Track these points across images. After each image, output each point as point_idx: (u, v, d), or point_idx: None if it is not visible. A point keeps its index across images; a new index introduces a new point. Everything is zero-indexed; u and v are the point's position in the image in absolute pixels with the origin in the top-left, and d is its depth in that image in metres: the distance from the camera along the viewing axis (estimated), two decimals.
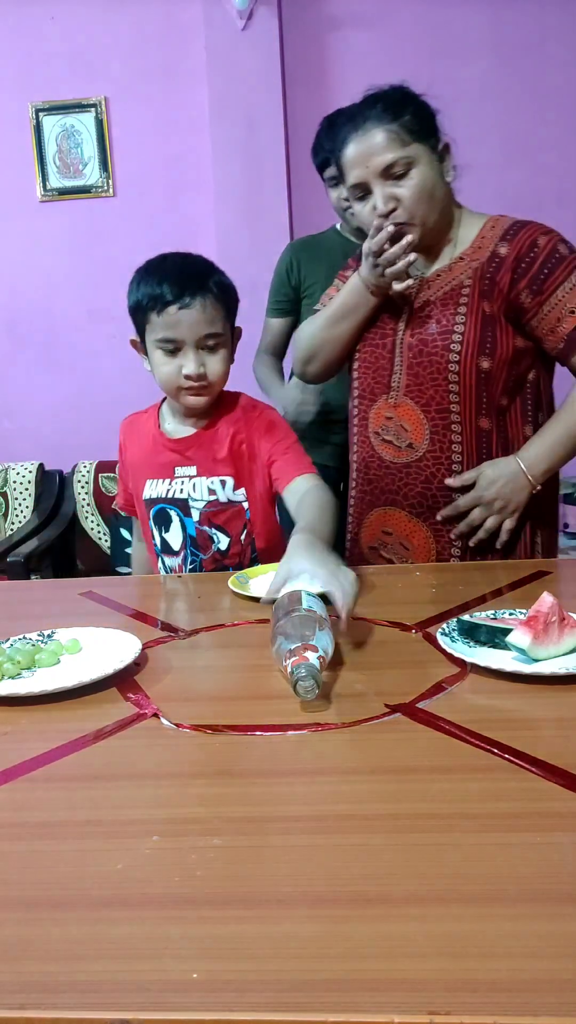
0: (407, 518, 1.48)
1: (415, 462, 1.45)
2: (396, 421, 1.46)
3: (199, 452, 1.45)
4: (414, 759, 0.76)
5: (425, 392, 1.42)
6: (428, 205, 1.36)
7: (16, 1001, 0.49)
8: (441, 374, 1.40)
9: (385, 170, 1.34)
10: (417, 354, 1.43)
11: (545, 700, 0.87)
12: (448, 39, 3.08)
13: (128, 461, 1.55)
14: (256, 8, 3.00)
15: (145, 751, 0.82)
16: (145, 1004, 0.49)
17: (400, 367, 1.45)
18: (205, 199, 3.18)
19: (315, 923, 0.55)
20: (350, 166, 1.38)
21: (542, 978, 0.49)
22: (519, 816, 0.66)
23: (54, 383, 3.43)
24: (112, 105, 3.24)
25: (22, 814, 0.71)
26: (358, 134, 1.36)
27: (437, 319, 1.41)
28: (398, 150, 1.33)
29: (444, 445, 1.42)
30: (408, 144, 1.34)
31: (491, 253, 1.39)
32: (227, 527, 1.45)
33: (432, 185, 1.36)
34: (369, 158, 1.34)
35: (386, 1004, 0.47)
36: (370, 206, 1.37)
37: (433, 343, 1.41)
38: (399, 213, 1.36)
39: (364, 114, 1.36)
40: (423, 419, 1.42)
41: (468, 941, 0.52)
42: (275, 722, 0.84)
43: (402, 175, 1.34)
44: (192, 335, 1.35)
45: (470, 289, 1.39)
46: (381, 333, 1.49)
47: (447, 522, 1.43)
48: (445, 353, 1.40)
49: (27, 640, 1.09)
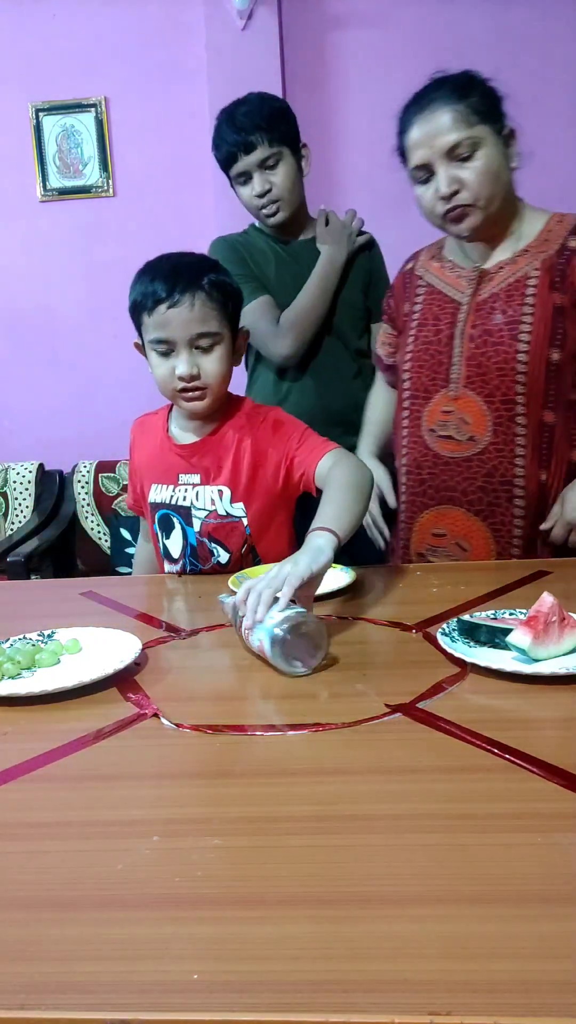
0: (465, 516, 1.44)
1: (476, 455, 1.42)
2: (456, 414, 1.43)
3: (204, 460, 1.42)
4: (414, 759, 0.76)
5: (489, 383, 1.39)
6: (492, 188, 1.34)
7: (16, 1001, 0.49)
8: (508, 364, 1.38)
9: (450, 150, 1.32)
10: (480, 344, 1.40)
11: (545, 700, 0.87)
12: (449, 39, 3.07)
13: (137, 462, 1.53)
14: (256, 8, 3.00)
15: (145, 751, 0.82)
16: (145, 1004, 0.49)
17: (459, 359, 1.42)
18: (205, 199, 3.18)
19: (315, 923, 0.55)
20: (414, 147, 1.35)
21: (542, 978, 0.49)
22: (519, 816, 0.66)
23: (54, 383, 3.43)
24: (112, 105, 3.24)
25: (22, 814, 0.71)
26: (423, 114, 1.34)
27: (502, 310, 1.39)
28: (464, 130, 1.31)
29: (508, 437, 1.39)
30: (474, 125, 1.32)
31: (560, 246, 1.38)
32: (227, 543, 1.41)
33: (497, 168, 1.34)
34: (434, 138, 1.32)
35: (386, 1005, 0.47)
36: (432, 189, 1.35)
37: (499, 333, 1.38)
38: (463, 195, 1.34)
39: (430, 95, 1.35)
40: (486, 410, 1.40)
41: (468, 941, 0.52)
42: (275, 722, 0.84)
43: (467, 157, 1.32)
44: (184, 334, 1.31)
45: (537, 281, 1.37)
46: (435, 329, 1.46)
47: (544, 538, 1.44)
48: (513, 343, 1.37)
49: (27, 640, 1.09)
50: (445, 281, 1.48)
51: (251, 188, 1.81)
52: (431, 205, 1.37)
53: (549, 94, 3.14)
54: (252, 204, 1.84)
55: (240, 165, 1.80)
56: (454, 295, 1.45)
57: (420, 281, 1.53)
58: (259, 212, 1.85)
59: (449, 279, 1.48)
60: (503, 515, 1.42)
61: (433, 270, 1.52)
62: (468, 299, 1.43)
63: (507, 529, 1.42)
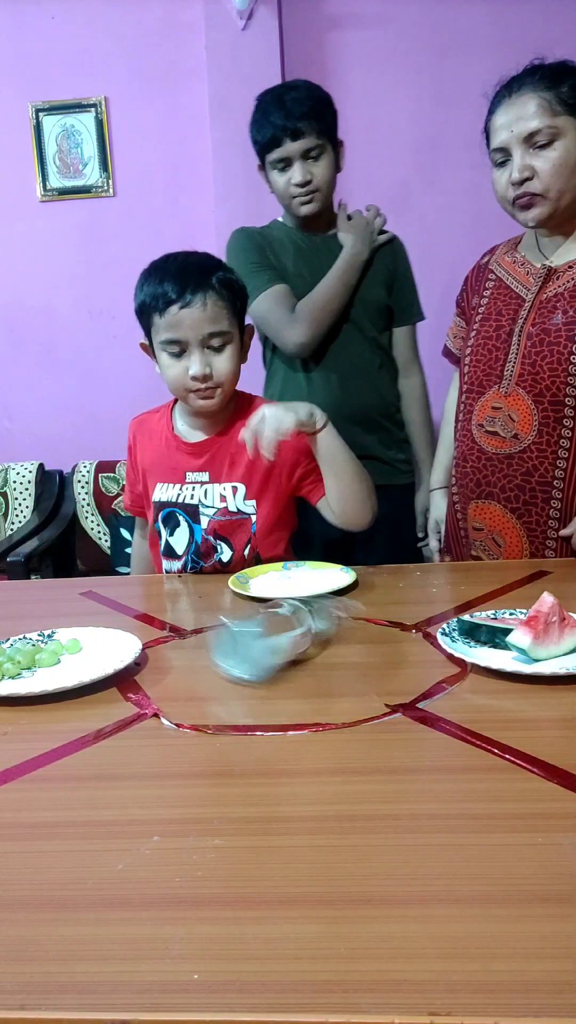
0: (501, 512, 1.45)
1: (518, 453, 1.41)
2: (505, 411, 1.42)
3: (213, 458, 1.42)
4: (414, 759, 0.76)
5: (541, 382, 1.39)
6: (565, 181, 1.33)
7: (16, 1001, 0.49)
8: (561, 365, 1.37)
9: (528, 137, 1.31)
10: (537, 343, 1.39)
11: (545, 700, 0.87)
12: (449, 39, 3.07)
13: (139, 462, 1.52)
14: (256, 8, 3.00)
15: (145, 751, 0.82)
16: (145, 1005, 0.49)
17: (515, 356, 1.42)
18: (205, 199, 3.18)
19: (315, 923, 0.55)
20: (496, 130, 1.36)
21: (542, 978, 0.48)
22: (519, 816, 0.66)
23: (54, 383, 3.43)
24: (112, 105, 3.24)
25: (22, 814, 0.71)
26: (511, 98, 1.34)
27: (564, 310, 1.38)
28: (546, 118, 1.30)
29: (552, 438, 1.38)
30: (558, 115, 1.31)
31: None
32: (231, 539, 1.42)
33: (574, 162, 1.32)
34: (516, 122, 1.32)
35: (386, 1005, 0.47)
36: (507, 173, 1.35)
37: (556, 333, 1.38)
38: (533, 184, 1.33)
39: (521, 80, 1.34)
40: (534, 409, 1.39)
41: (468, 941, 0.52)
42: (275, 722, 0.84)
43: (545, 145, 1.31)
44: (196, 334, 1.32)
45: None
46: (496, 324, 1.46)
47: None
48: (569, 344, 1.36)
49: (27, 640, 1.09)
50: (514, 276, 1.47)
51: (289, 176, 1.77)
52: (503, 190, 1.37)
53: None
54: (286, 192, 1.80)
55: (282, 151, 1.75)
56: (520, 291, 1.45)
57: (491, 275, 1.52)
58: (292, 200, 1.81)
59: (518, 275, 1.47)
60: (539, 515, 1.41)
61: (505, 265, 1.51)
62: (532, 296, 1.42)
63: (541, 529, 1.42)
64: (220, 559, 1.43)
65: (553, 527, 1.41)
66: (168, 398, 1.53)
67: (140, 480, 1.53)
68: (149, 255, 1.43)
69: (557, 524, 1.41)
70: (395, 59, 3.05)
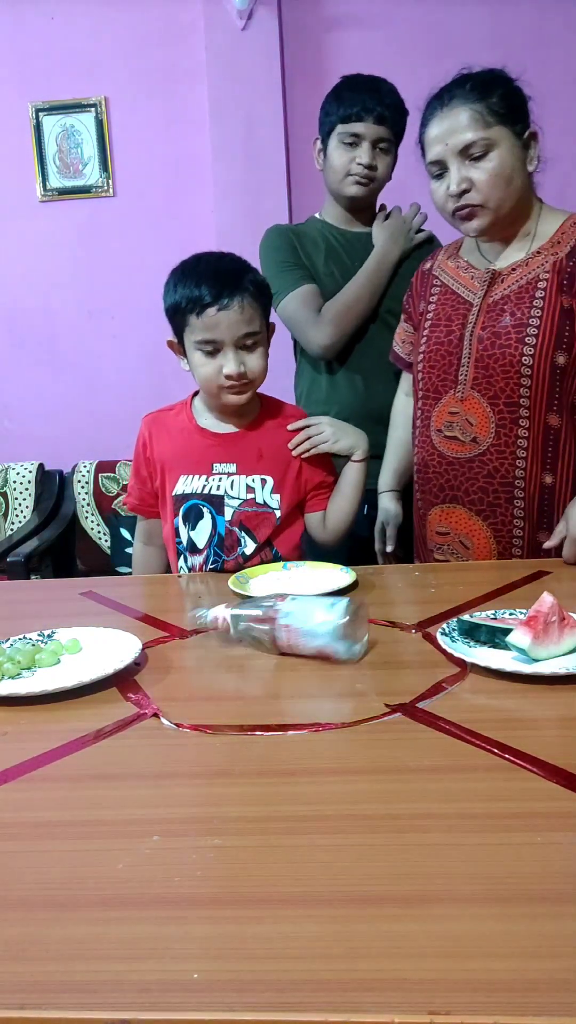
0: (467, 515, 1.46)
1: (478, 456, 1.43)
2: (462, 416, 1.44)
3: (242, 450, 1.46)
4: (414, 759, 0.76)
5: (495, 385, 1.40)
6: (503, 191, 1.35)
7: (16, 1001, 0.49)
8: (513, 367, 1.38)
9: (464, 149, 1.33)
10: (488, 346, 1.40)
11: (545, 700, 0.87)
12: (448, 39, 3.07)
13: (155, 458, 1.52)
14: (256, 8, 3.00)
15: (145, 751, 0.82)
16: (145, 1004, 0.49)
17: (468, 360, 1.43)
18: (205, 199, 3.18)
19: (315, 923, 0.55)
20: (431, 143, 1.37)
21: (542, 978, 0.49)
22: (519, 816, 0.66)
23: (54, 383, 3.43)
24: (112, 105, 3.24)
25: (22, 814, 0.71)
26: (443, 111, 1.35)
27: (511, 312, 1.39)
28: (480, 130, 1.32)
29: (510, 439, 1.40)
30: (491, 126, 1.32)
31: (572, 248, 1.38)
32: (256, 532, 1.45)
33: (510, 171, 1.35)
34: (449, 136, 1.33)
35: (386, 1004, 0.47)
36: (445, 185, 1.37)
37: (506, 335, 1.39)
38: (472, 195, 1.35)
39: (452, 91, 1.36)
40: (490, 412, 1.40)
41: (468, 941, 0.52)
42: (275, 722, 0.84)
43: (479, 156, 1.33)
44: (231, 335, 1.36)
45: (547, 283, 1.38)
46: (447, 330, 1.47)
47: None
48: (519, 346, 1.37)
49: (27, 640, 1.09)
50: (459, 281, 1.49)
51: (355, 154, 1.78)
52: (442, 201, 1.39)
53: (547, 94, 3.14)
54: (344, 168, 1.80)
55: (360, 127, 1.76)
56: (467, 295, 1.46)
57: (436, 281, 1.54)
58: (346, 178, 1.81)
59: (463, 279, 1.48)
60: (503, 515, 1.43)
61: (448, 270, 1.52)
62: (479, 300, 1.44)
63: (507, 529, 1.43)
64: (243, 552, 1.45)
65: (519, 526, 1.43)
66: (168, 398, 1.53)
67: (156, 476, 1.52)
68: (149, 255, 1.44)
69: (522, 523, 1.42)
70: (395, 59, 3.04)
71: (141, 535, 1.62)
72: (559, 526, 1.37)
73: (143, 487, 1.55)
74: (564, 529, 1.35)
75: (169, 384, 2.62)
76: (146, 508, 1.57)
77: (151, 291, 1.62)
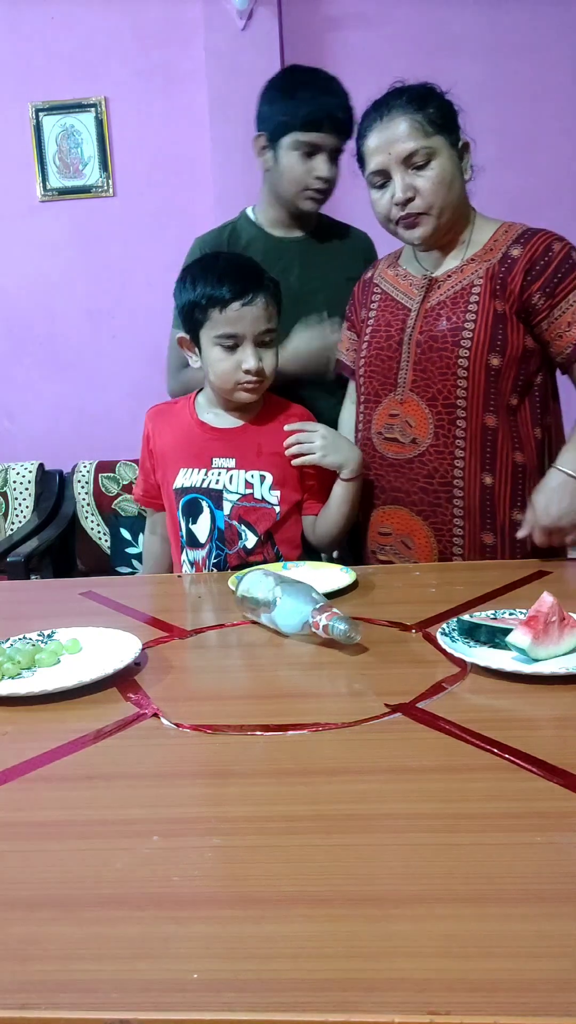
0: (408, 516, 1.48)
1: (417, 457, 1.45)
2: (402, 417, 1.47)
3: (242, 445, 1.48)
4: (414, 759, 0.76)
5: (432, 387, 1.43)
6: (445, 198, 1.39)
7: (16, 1001, 0.49)
8: (450, 369, 1.41)
9: (407, 158, 1.36)
10: (426, 350, 1.44)
11: (545, 700, 0.87)
12: (447, 39, 3.07)
13: (158, 450, 1.55)
14: (256, 8, 3.00)
15: (145, 751, 0.82)
16: (145, 1004, 0.49)
17: (407, 364, 1.46)
18: (205, 199, 3.18)
19: (314, 922, 0.55)
20: (371, 153, 1.40)
21: (542, 978, 0.49)
22: (519, 816, 0.66)
23: (54, 383, 3.43)
24: (112, 105, 3.24)
25: (22, 814, 0.71)
26: (382, 122, 1.39)
27: (448, 317, 1.43)
28: (421, 139, 1.36)
29: (448, 440, 1.43)
30: (431, 135, 1.36)
31: (503, 255, 1.42)
32: (256, 526, 1.46)
33: (450, 178, 1.39)
34: (392, 145, 1.37)
35: (386, 1004, 0.47)
36: (388, 194, 1.40)
37: (443, 339, 1.42)
38: (416, 203, 1.38)
39: (389, 103, 1.39)
40: (428, 414, 1.43)
41: (468, 941, 0.52)
42: (275, 722, 0.84)
43: (422, 165, 1.37)
44: (253, 330, 1.40)
45: (481, 288, 1.41)
46: (387, 335, 1.50)
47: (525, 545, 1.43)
48: (455, 349, 1.41)
49: (27, 640, 1.09)
50: (398, 288, 1.52)
51: (312, 164, 1.67)
52: (386, 210, 1.42)
53: (545, 95, 3.15)
54: (302, 180, 1.68)
55: (320, 137, 1.66)
56: (405, 302, 1.50)
57: (376, 289, 1.57)
58: (304, 191, 1.69)
59: (402, 287, 1.52)
60: (443, 515, 1.45)
61: (388, 278, 1.56)
62: (417, 305, 1.47)
63: (448, 529, 1.45)
64: (244, 545, 1.46)
65: (459, 526, 1.44)
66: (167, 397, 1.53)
67: (158, 469, 1.54)
68: (149, 255, 1.44)
69: (462, 523, 1.44)
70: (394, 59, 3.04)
71: (149, 526, 1.65)
72: (527, 514, 1.39)
73: (147, 479, 1.58)
74: (533, 517, 1.37)
75: None
76: (151, 500, 1.59)
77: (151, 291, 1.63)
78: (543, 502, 1.36)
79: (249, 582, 1.14)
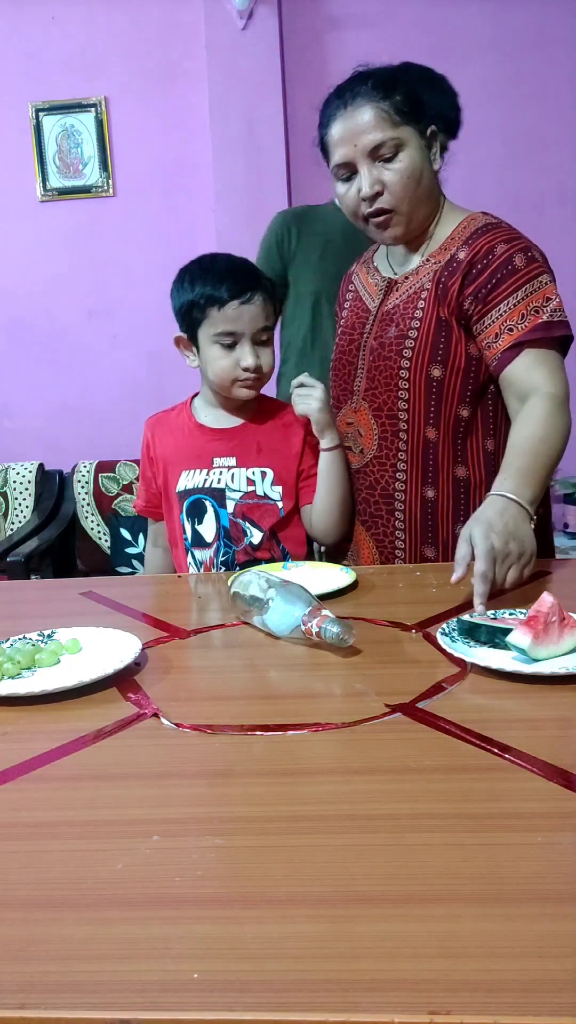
0: (357, 526, 1.47)
1: (363, 467, 1.44)
2: (355, 426, 1.45)
3: (241, 443, 1.49)
4: (414, 759, 0.76)
5: (379, 397, 1.40)
6: (415, 192, 1.31)
7: (16, 1001, 0.49)
8: (393, 380, 1.37)
9: (373, 150, 1.28)
10: (376, 358, 1.40)
11: (545, 700, 0.87)
12: (448, 39, 3.07)
13: (158, 457, 1.55)
14: (256, 8, 3.00)
15: (145, 751, 0.82)
16: (145, 1004, 0.49)
17: (362, 371, 1.43)
18: (205, 199, 3.18)
19: (315, 923, 0.55)
20: (335, 144, 1.31)
21: (542, 978, 0.49)
22: (519, 816, 0.66)
23: (54, 383, 3.43)
24: (112, 105, 3.24)
25: (22, 814, 0.71)
26: (346, 110, 1.29)
27: (397, 323, 1.38)
28: (388, 130, 1.27)
29: (391, 451, 1.39)
30: (398, 125, 1.27)
31: (451, 257, 1.34)
32: (260, 522, 1.47)
33: (420, 172, 1.30)
34: (357, 136, 1.27)
35: (386, 1004, 0.47)
36: (355, 188, 1.31)
37: (389, 347, 1.37)
38: (384, 198, 1.30)
39: (353, 89, 1.29)
40: (374, 424, 1.41)
41: (468, 941, 0.52)
42: (275, 722, 0.84)
43: (390, 157, 1.28)
44: (251, 328, 1.41)
45: (428, 293, 1.35)
46: (350, 338, 1.48)
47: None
48: (398, 359, 1.36)
49: (27, 640, 1.09)
50: (367, 288, 1.48)
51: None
52: (354, 206, 1.33)
53: (547, 93, 3.15)
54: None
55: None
56: (369, 304, 1.46)
57: (351, 286, 1.54)
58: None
59: (369, 286, 1.48)
60: (385, 527, 1.43)
61: (361, 275, 1.52)
62: (376, 309, 1.44)
63: (389, 541, 1.43)
64: (251, 542, 1.47)
65: (400, 538, 1.42)
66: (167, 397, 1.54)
67: (160, 475, 1.55)
68: (149, 255, 1.45)
69: (403, 535, 1.41)
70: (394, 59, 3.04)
71: (150, 537, 1.65)
72: (460, 548, 1.09)
73: (149, 488, 1.58)
74: (466, 552, 1.08)
75: (169, 384, 2.62)
76: (153, 510, 1.59)
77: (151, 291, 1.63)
78: (481, 531, 1.08)
79: (242, 584, 1.14)
